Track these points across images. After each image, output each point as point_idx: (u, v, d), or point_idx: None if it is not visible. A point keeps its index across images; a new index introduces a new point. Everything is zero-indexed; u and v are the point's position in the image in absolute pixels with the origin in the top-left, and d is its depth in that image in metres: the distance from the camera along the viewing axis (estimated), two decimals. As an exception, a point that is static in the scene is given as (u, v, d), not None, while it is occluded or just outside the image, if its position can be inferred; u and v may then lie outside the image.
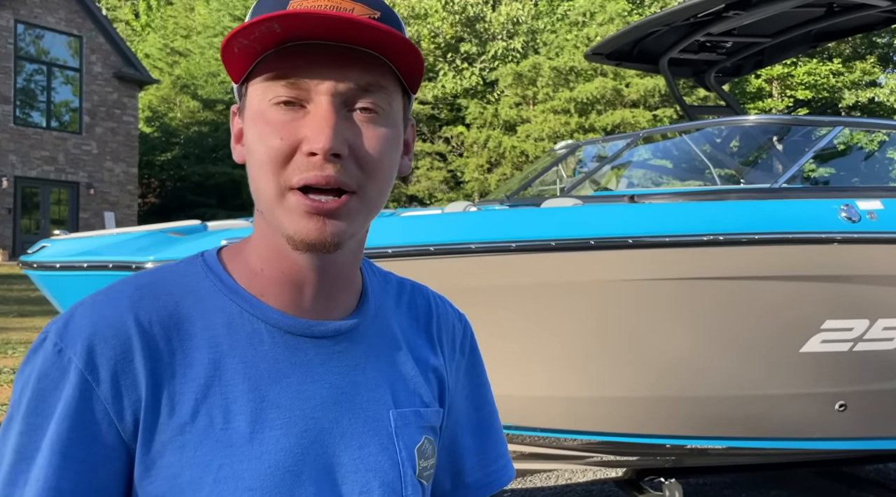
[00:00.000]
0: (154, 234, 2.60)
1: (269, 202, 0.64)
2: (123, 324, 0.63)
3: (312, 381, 0.68)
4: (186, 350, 0.65)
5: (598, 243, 2.47)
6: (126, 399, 0.62)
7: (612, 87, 17.64)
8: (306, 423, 0.67)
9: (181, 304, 0.66)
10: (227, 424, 0.64)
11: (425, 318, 0.80)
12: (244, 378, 0.65)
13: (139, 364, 0.63)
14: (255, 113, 0.65)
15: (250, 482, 0.63)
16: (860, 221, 2.62)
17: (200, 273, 0.69)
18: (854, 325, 2.65)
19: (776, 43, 4.34)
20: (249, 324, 0.67)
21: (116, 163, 18.42)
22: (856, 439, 2.85)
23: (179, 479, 0.62)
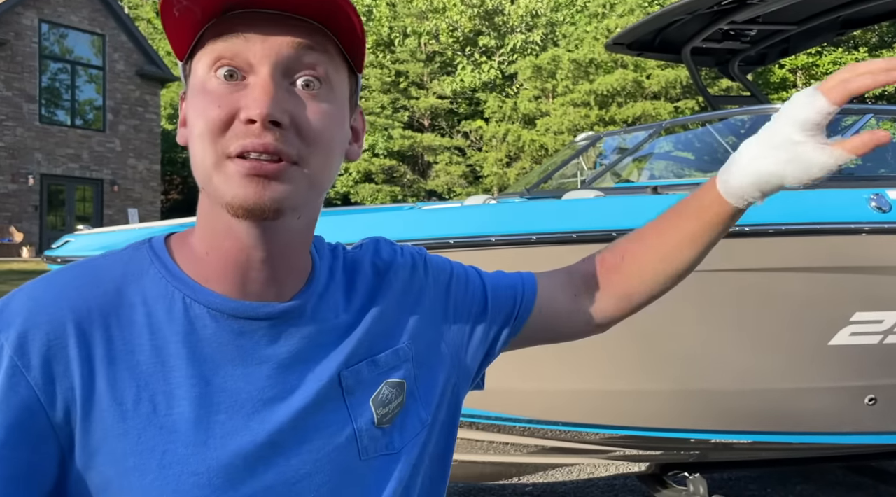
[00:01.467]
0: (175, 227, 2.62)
1: (207, 172, 0.62)
2: (59, 310, 0.62)
3: (259, 363, 0.67)
4: (127, 337, 0.64)
5: (620, 235, 2.43)
6: (58, 385, 0.61)
7: (633, 78, 17.46)
8: (254, 404, 0.66)
9: (123, 292, 0.65)
10: (171, 410, 0.63)
11: (373, 268, 0.80)
12: (188, 363, 0.64)
13: (73, 351, 0.61)
14: (196, 88, 0.64)
15: (196, 466, 0.63)
16: (891, 211, 2.56)
17: (146, 259, 0.68)
18: (884, 318, 2.59)
19: (802, 30, 4.25)
20: (192, 309, 0.66)
21: (139, 160, 18.64)
22: (886, 434, 2.79)
23: (124, 465, 0.61)
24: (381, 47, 21.48)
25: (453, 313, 0.85)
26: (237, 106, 0.61)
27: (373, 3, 22.17)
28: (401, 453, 0.75)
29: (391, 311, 0.79)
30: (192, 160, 0.65)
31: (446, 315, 0.84)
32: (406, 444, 0.76)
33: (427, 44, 20.70)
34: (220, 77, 0.62)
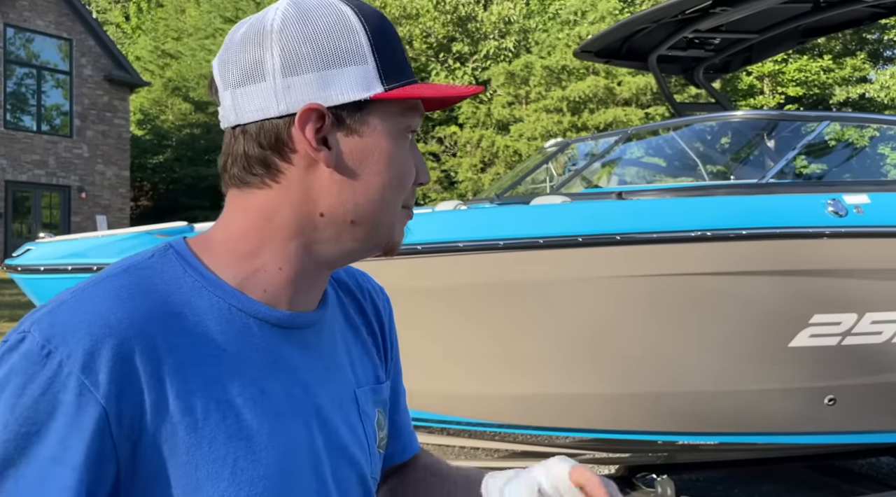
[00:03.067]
0: (141, 235, 2.59)
1: (391, 215, 0.72)
2: (120, 323, 0.60)
3: (298, 369, 0.71)
4: (183, 347, 0.63)
5: (586, 240, 2.47)
6: (126, 402, 0.59)
7: (605, 85, 17.65)
8: (303, 408, 0.70)
9: (170, 302, 0.65)
10: (236, 418, 0.65)
11: (360, 295, 0.85)
12: (243, 372, 0.66)
13: (140, 365, 0.60)
14: (395, 134, 0.71)
15: (264, 471, 0.65)
16: (847, 216, 2.63)
17: (177, 267, 0.68)
18: (842, 320, 2.66)
19: (764, 39, 4.35)
20: (239, 319, 0.67)
21: (108, 166, 18.34)
22: (845, 433, 2.86)
23: (196, 475, 0.62)
24: (355, 53, 21.46)
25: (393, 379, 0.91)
26: (415, 166, 0.74)
27: (346, 9, 22.16)
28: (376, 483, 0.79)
29: (382, 347, 0.86)
30: (364, 197, 0.70)
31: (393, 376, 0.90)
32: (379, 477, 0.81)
33: (400, 50, 20.75)
34: (410, 140, 0.73)
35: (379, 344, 0.85)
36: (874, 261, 2.65)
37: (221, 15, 24.07)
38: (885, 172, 7.14)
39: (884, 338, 2.70)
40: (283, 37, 0.67)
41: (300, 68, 0.67)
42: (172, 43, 27.05)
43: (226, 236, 0.71)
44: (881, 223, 2.65)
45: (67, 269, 2.43)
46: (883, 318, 2.69)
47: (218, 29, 24.51)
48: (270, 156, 0.68)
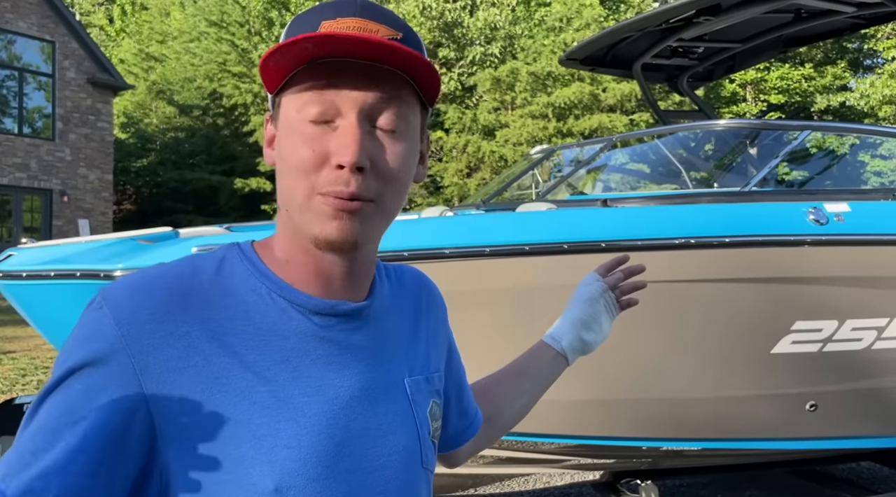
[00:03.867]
0: (124, 241, 2.57)
1: (299, 204, 0.71)
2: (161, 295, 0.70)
3: (338, 353, 0.75)
4: (221, 320, 0.71)
5: (571, 247, 2.48)
6: (158, 371, 0.67)
7: (590, 91, 17.76)
8: (335, 390, 0.73)
9: (217, 282, 0.73)
10: (264, 388, 0.70)
11: (416, 294, 0.89)
12: (276, 349, 0.72)
13: (178, 337, 0.68)
14: (289, 125, 0.72)
15: (287, 441, 0.69)
16: (828, 224, 2.66)
17: (236, 259, 0.76)
18: (823, 326, 2.69)
19: (747, 48, 4.40)
20: (279, 303, 0.74)
21: (91, 169, 18.16)
22: (827, 439, 2.88)
23: (220, 434, 0.67)
24: (341, 58, 21.43)
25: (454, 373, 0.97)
26: (327, 149, 0.69)
27: (332, 14, 22.13)
28: (431, 472, 0.83)
29: (436, 340, 0.90)
30: (281, 187, 0.73)
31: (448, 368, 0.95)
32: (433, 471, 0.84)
33: (387, 55, 20.75)
34: (311, 120, 0.70)
35: (433, 338, 0.89)
36: (854, 268, 2.68)
37: (206, 18, 23.94)
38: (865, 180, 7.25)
39: (864, 344, 2.74)
40: None
41: None
42: (157, 46, 26.87)
43: (273, 237, 0.79)
44: (861, 231, 2.69)
45: (50, 275, 2.40)
46: (862, 325, 2.72)
47: (203, 32, 24.37)
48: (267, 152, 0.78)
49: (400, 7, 20.29)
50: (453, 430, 0.96)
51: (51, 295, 2.44)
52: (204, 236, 2.61)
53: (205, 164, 22.85)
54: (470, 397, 0.99)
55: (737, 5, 3.46)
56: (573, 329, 1.08)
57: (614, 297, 1.14)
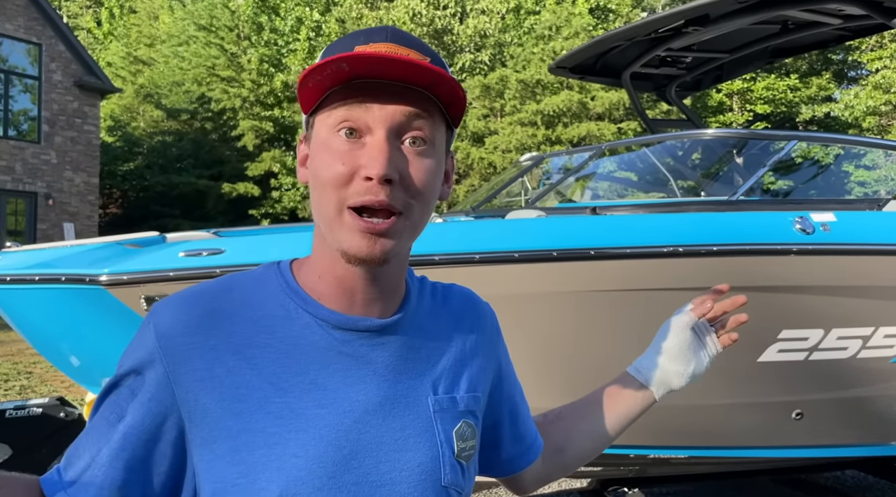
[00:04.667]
0: (111, 245, 2.55)
1: (329, 219, 0.75)
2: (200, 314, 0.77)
3: (357, 368, 0.78)
4: (246, 334, 0.76)
5: (560, 255, 2.48)
6: (189, 378, 0.74)
7: (578, 100, 17.87)
8: (350, 404, 0.76)
9: (249, 298, 0.79)
10: (279, 399, 0.74)
11: (460, 313, 0.90)
12: (296, 362, 0.76)
13: (208, 348, 0.75)
14: (321, 141, 0.76)
15: (296, 450, 0.73)
16: (814, 233, 2.68)
17: (272, 277, 0.82)
18: (809, 335, 2.71)
19: (734, 58, 4.44)
20: (302, 318, 0.78)
21: (77, 173, 18.01)
22: (813, 447, 2.90)
23: (237, 440, 0.73)
24: (330, 63, 21.42)
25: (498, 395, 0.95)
26: (357, 163, 0.73)
27: (322, 20, 22.13)
28: (459, 492, 0.82)
29: (478, 362, 0.88)
30: (315, 203, 0.77)
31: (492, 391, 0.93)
32: (467, 491, 0.84)
33: (376, 61, 20.77)
34: (342, 136, 0.74)
35: (473, 361, 0.88)
36: (839, 278, 2.71)
37: (196, 22, 23.87)
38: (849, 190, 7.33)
39: (849, 353, 2.75)
40: None
41: None
42: (145, 49, 26.74)
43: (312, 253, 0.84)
44: (846, 241, 2.71)
45: (34, 280, 2.37)
46: (848, 334, 2.74)
47: (192, 36, 24.29)
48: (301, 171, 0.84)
49: (390, 13, 20.34)
50: (507, 455, 0.96)
51: (35, 299, 2.42)
52: (191, 241, 2.59)
53: (192, 168, 22.74)
54: (527, 423, 0.99)
55: (724, 16, 3.50)
56: (656, 359, 1.04)
57: (712, 331, 1.06)
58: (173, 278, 2.27)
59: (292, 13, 23.47)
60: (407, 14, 20.01)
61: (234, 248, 2.38)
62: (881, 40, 18.85)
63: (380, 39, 0.76)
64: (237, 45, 22.86)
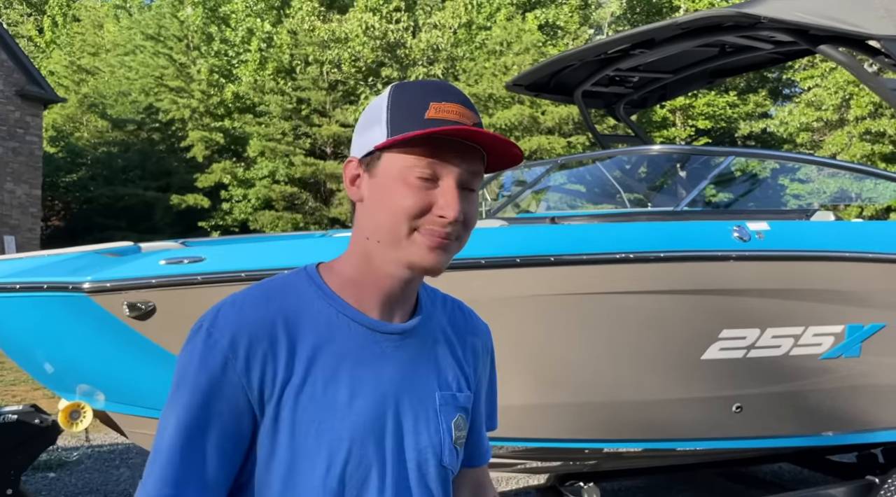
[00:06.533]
0: (88, 254, 2.61)
1: (396, 237, 0.91)
2: (254, 320, 0.90)
3: (386, 365, 0.95)
4: (299, 338, 0.91)
5: (523, 261, 2.67)
6: (256, 374, 0.89)
7: (529, 114, 18.26)
8: (382, 394, 0.94)
9: (295, 307, 0.93)
10: (326, 392, 0.90)
11: (462, 327, 1.08)
12: (339, 360, 0.92)
13: (267, 348, 0.89)
14: (395, 176, 0.92)
15: (341, 434, 0.90)
16: (751, 241, 2.93)
17: (305, 282, 0.96)
18: (747, 334, 2.95)
19: (677, 78, 4.75)
20: (343, 321, 0.94)
21: (18, 184, 17.46)
22: (751, 438, 3.14)
23: (295, 428, 0.89)
24: (282, 74, 21.33)
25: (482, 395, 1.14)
26: (430, 202, 0.91)
27: (273, 31, 22.05)
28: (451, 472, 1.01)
29: (472, 368, 1.07)
30: (374, 222, 0.93)
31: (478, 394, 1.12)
32: (456, 471, 1.02)
33: (329, 72, 20.77)
34: (419, 178, 0.91)
35: (467, 367, 1.06)
36: (773, 281, 2.96)
37: (143, 32, 23.47)
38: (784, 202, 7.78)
39: (783, 351, 3.01)
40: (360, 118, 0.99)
41: (355, 136, 0.98)
42: (89, 58, 26.10)
43: (340, 259, 1.00)
44: (780, 248, 2.97)
45: (15, 288, 2.42)
46: (782, 333, 3.00)
47: (139, 46, 23.85)
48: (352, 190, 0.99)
49: (343, 26, 20.42)
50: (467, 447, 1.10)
51: (15, 307, 2.46)
52: (166, 250, 2.68)
53: (139, 179, 22.25)
54: (483, 436, 1.16)
55: (667, 40, 3.77)
56: None
57: None
58: (156, 285, 2.36)
59: (243, 24, 23.32)
60: (360, 27, 20.12)
61: (214, 256, 2.48)
62: (813, 61, 19.87)
63: (452, 100, 0.93)
64: (186, 56, 22.56)
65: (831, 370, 3.11)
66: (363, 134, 0.96)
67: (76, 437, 5.30)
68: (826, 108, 18.80)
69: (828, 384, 3.14)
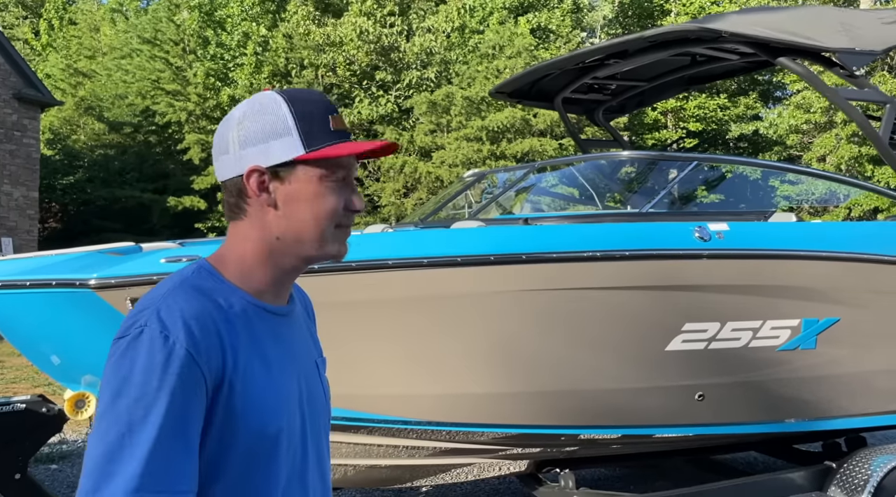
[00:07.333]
0: (93, 254, 2.81)
1: (322, 234, 1.05)
2: (199, 313, 0.98)
3: (286, 343, 1.11)
4: (228, 327, 1.01)
5: (497, 259, 2.88)
6: (212, 362, 0.97)
7: (521, 117, 18.45)
8: (292, 368, 1.09)
9: (213, 299, 1.02)
10: (256, 372, 1.02)
11: (303, 300, 1.26)
12: (259, 342, 1.04)
13: (212, 339, 0.97)
14: (317, 183, 1.04)
15: (274, 403, 1.03)
16: (711, 240, 3.15)
17: (207, 277, 1.05)
18: (708, 327, 3.16)
19: (653, 86, 4.97)
20: (252, 309, 1.06)
21: (15, 187, 17.62)
22: (713, 425, 3.35)
23: (239, 409, 0.99)
24: (278, 78, 21.53)
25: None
26: (344, 199, 1.06)
27: (269, 35, 22.24)
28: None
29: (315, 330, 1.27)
30: (297, 223, 1.04)
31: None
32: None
33: (324, 76, 20.97)
34: (336, 182, 1.05)
35: (315, 334, 1.26)
36: (732, 278, 3.18)
37: (140, 35, 23.63)
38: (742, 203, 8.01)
39: (741, 343, 3.22)
40: (240, 125, 1.05)
41: (249, 144, 1.04)
42: (85, 61, 26.23)
43: (231, 255, 1.08)
44: (738, 247, 3.19)
45: (25, 285, 2.62)
46: (741, 327, 3.21)
47: (135, 49, 24.01)
48: (238, 201, 1.06)
49: (337, 30, 20.61)
50: None
51: (25, 303, 2.66)
52: (166, 250, 2.88)
53: (136, 181, 22.41)
54: None
55: (640, 51, 3.99)
56: None
57: None
58: (157, 282, 2.55)
59: (239, 28, 23.51)
60: (354, 31, 20.32)
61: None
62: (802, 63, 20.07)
63: (336, 110, 1.08)
64: (182, 59, 22.73)
65: (788, 361, 3.32)
66: (265, 143, 1.02)
67: (76, 432, 5.49)
68: (815, 110, 19.04)
69: (786, 374, 3.36)
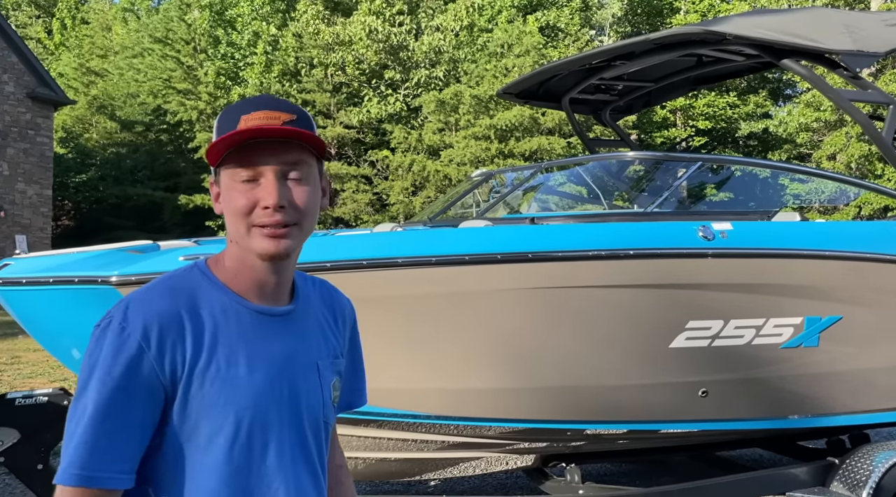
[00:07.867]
0: (114, 252, 2.91)
1: (241, 235, 1.08)
2: (162, 311, 1.05)
3: (274, 342, 1.13)
4: (201, 325, 1.07)
5: (503, 257, 2.95)
6: (167, 359, 1.03)
7: (530, 115, 18.49)
8: (275, 367, 1.11)
9: (194, 297, 1.09)
10: (228, 370, 1.07)
11: (330, 302, 1.27)
12: (236, 341, 1.08)
13: (175, 336, 1.04)
14: (229, 185, 1.09)
15: (244, 403, 1.07)
16: (714, 240, 3.21)
17: (199, 276, 1.12)
18: (712, 325, 3.22)
19: (660, 86, 5.02)
20: (235, 308, 1.10)
21: (29, 185, 17.84)
22: (716, 421, 3.41)
23: (203, 403, 1.05)
24: (288, 77, 21.65)
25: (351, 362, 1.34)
26: (257, 198, 1.07)
27: (279, 34, 22.37)
28: (331, 425, 1.24)
29: (341, 334, 1.27)
30: (228, 226, 1.10)
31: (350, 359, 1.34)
32: (334, 424, 1.25)
33: (333, 75, 21.08)
34: (242, 181, 1.07)
35: (339, 336, 1.26)
36: (735, 276, 3.23)
37: (151, 35, 23.84)
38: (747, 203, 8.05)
39: (744, 340, 3.28)
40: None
41: None
42: (98, 60, 26.49)
43: (223, 256, 1.15)
44: (741, 246, 3.24)
45: (49, 282, 2.71)
46: (743, 324, 3.26)
47: (147, 48, 24.22)
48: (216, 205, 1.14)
49: (346, 30, 20.70)
50: (343, 400, 1.31)
51: (48, 299, 2.76)
52: (183, 248, 2.98)
53: (147, 179, 22.63)
54: (362, 380, 1.36)
55: (645, 53, 4.04)
56: None
57: None
58: (175, 279, 2.64)
59: (249, 27, 23.65)
60: (363, 30, 20.41)
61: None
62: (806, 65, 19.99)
63: (259, 107, 1.07)
64: (193, 58, 22.90)
65: (791, 359, 3.38)
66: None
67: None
68: (824, 108, 18.97)
69: (788, 371, 3.41)
